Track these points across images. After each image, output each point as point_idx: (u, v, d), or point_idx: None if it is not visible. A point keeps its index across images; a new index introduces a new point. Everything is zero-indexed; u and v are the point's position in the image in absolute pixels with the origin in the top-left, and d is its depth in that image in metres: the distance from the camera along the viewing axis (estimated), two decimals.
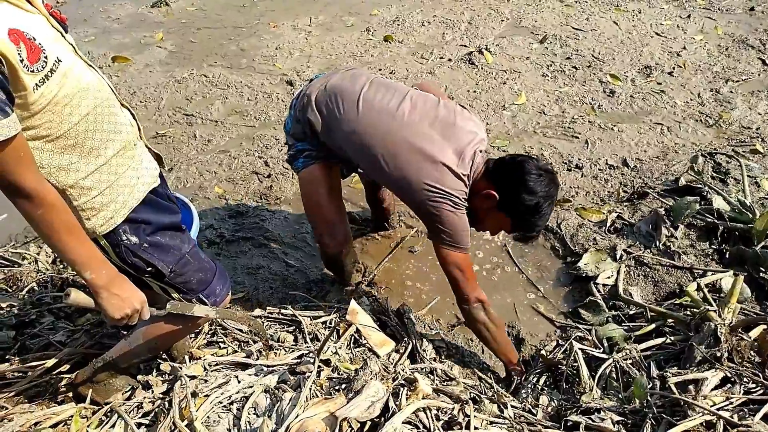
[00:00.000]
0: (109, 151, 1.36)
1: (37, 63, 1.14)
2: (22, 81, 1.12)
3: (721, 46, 4.49)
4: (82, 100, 1.26)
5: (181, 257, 1.55)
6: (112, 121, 1.36)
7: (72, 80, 1.23)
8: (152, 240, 1.48)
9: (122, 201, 1.41)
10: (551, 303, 2.53)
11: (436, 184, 1.89)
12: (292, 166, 2.24)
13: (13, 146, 1.12)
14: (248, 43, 4.73)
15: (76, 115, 1.26)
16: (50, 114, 1.21)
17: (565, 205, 3.03)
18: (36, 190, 1.17)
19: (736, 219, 2.66)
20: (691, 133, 3.56)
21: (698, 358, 1.94)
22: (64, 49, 1.24)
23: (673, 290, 2.47)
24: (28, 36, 1.13)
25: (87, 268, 1.28)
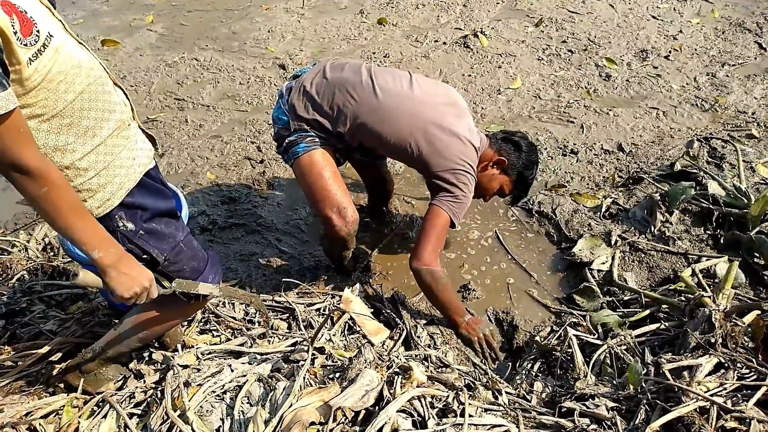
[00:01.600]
0: (105, 131, 1.34)
1: (30, 36, 1.12)
2: (16, 54, 1.10)
3: (717, 29, 4.46)
4: (76, 78, 1.24)
5: (176, 245, 1.53)
6: (107, 100, 1.34)
7: (64, 56, 1.20)
8: (148, 227, 1.47)
9: (119, 182, 1.39)
10: (545, 289, 2.52)
11: (465, 158, 2.15)
12: (288, 154, 2.22)
13: (12, 121, 1.10)
14: (240, 25, 4.66)
15: (71, 93, 1.24)
16: (45, 91, 1.19)
17: (560, 190, 3.02)
18: (38, 168, 1.15)
19: (731, 204, 2.65)
20: (686, 118, 3.55)
21: (692, 344, 1.94)
22: (55, 26, 1.21)
23: (667, 276, 2.46)
24: (20, 9, 1.11)
25: (94, 247, 1.26)
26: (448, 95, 2.27)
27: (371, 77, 2.15)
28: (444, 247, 2.69)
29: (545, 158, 3.25)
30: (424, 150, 2.13)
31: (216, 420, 1.46)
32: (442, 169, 2.14)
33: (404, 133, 2.12)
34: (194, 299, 1.64)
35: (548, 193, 2.99)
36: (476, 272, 2.60)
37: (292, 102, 2.17)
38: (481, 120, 3.53)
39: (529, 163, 2.33)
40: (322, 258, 2.63)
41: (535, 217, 2.88)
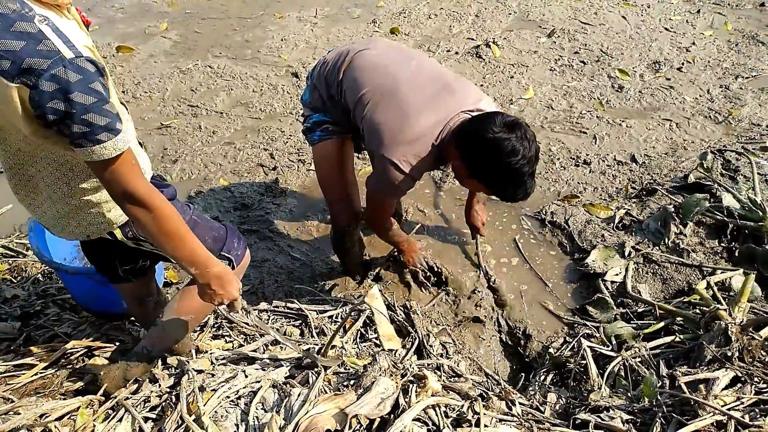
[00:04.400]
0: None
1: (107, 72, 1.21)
2: (108, 84, 1.18)
3: (730, 41, 4.45)
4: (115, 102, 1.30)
5: (189, 219, 1.59)
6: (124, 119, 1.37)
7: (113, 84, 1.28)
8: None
9: None
10: (559, 300, 2.51)
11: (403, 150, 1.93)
12: (308, 137, 2.32)
13: (126, 157, 1.19)
14: (253, 34, 4.69)
15: None
16: None
17: (573, 201, 3.01)
18: (148, 195, 1.23)
19: (746, 217, 2.63)
20: (700, 130, 3.53)
21: (708, 357, 1.92)
22: (88, 52, 1.26)
23: (681, 288, 2.45)
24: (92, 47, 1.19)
25: (191, 265, 1.38)
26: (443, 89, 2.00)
27: (375, 46, 2.14)
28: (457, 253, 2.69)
29: (558, 168, 3.24)
30: (368, 119, 1.98)
31: (231, 425, 1.45)
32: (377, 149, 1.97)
33: (366, 92, 2.00)
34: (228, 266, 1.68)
35: (561, 204, 2.98)
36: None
37: (312, 82, 2.25)
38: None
39: (505, 175, 1.82)
40: (335, 265, 2.64)
41: (548, 227, 2.87)
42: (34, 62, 1.04)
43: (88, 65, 1.09)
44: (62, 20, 1.13)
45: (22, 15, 1.05)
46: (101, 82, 1.11)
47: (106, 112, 1.12)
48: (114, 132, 1.13)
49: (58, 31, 1.08)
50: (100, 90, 1.10)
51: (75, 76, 1.06)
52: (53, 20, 1.09)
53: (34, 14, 1.07)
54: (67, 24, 1.14)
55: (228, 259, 1.70)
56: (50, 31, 1.06)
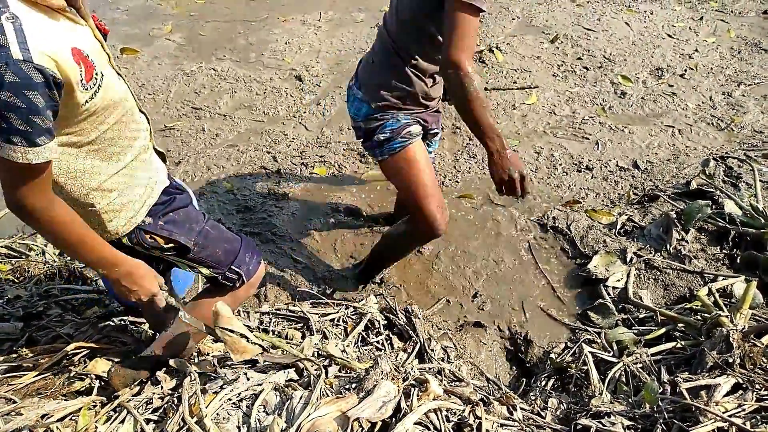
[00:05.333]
0: (128, 157, 1.41)
1: (91, 80, 1.20)
2: (76, 98, 1.17)
3: (733, 49, 4.46)
4: (114, 111, 1.31)
5: (201, 229, 1.59)
6: (133, 128, 1.41)
7: (110, 93, 1.28)
8: (167, 218, 1.53)
9: (141, 201, 1.47)
10: (560, 305, 2.51)
11: None
12: (381, 150, 2.11)
13: (39, 169, 1.16)
14: (257, 37, 4.71)
15: (106, 124, 1.31)
16: (85, 123, 1.26)
17: (575, 206, 3.01)
18: (49, 212, 1.22)
19: (748, 224, 2.63)
20: (702, 136, 3.54)
21: (710, 363, 1.92)
22: (104, 61, 1.29)
23: (683, 294, 2.45)
24: (85, 53, 1.18)
25: (98, 267, 1.38)
26: None
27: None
28: (459, 257, 2.70)
29: (560, 174, 3.25)
30: None
31: (233, 428, 1.46)
32: None
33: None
34: (238, 281, 1.71)
35: (563, 209, 2.99)
36: (490, 285, 2.60)
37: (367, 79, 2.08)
38: None
39: None
40: (336, 268, 2.64)
41: (550, 232, 2.88)
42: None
43: (34, 73, 1.06)
44: (44, 22, 1.12)
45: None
46: (42, 93, 1.08)
47: (30, 121, 1.08)
48: (30, 142, 1.10)
49: (21, 31, 1.06)
50: (33, 100, 1.07)
51: (12, 77, 1.04)
52: (25, 20, 1.07)
53: (4, 11, 1.06)
54: (47, 26, 1.12)
55: (237, 274, 1.69)
56: (11, 30, 1.05)
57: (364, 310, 2.24)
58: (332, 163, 3.35)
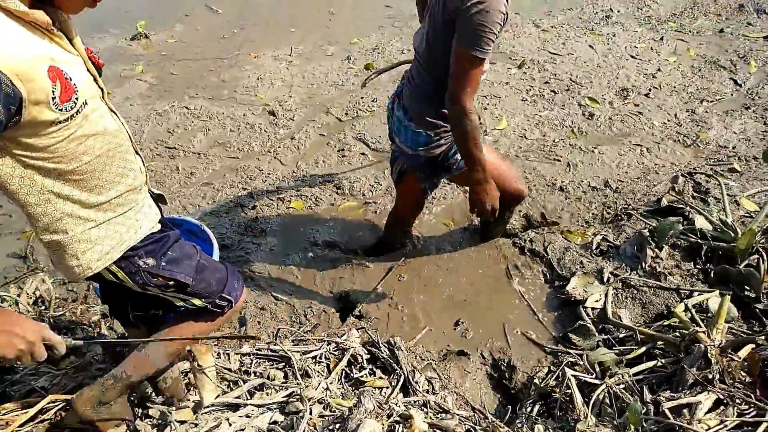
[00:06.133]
0: (112, 192, 1.39)
1: (67, 103, 1.17)
2: (43, 115, 1.14)
3: (694, 67, 4.60)
4: (96, 143, 1.29)
5: (197, 263, 1.59)
6: (122, 166, 1.39)
7: (91, 123, 1.26)
8: (167, 257, 1.53)
9: (119, 239, 1.43)
10: (541, 328, 2.53)
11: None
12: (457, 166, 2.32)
13: None
14: (229, 74, 4.73)
15: (88, 155, 1.28)
16: (63, 150, 1.23)
17: (552, 228, 3.05)
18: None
19: (718, 238, 2.69)
20: (670, 154, 3.63)
21: (690, 380, 1.94)
22: (93, 93, 1.28)
23: (661, 311, 2.48)
24: (66, 75, 1.16)
25: None
26: None
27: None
28: (439, 284, 2.70)
29: (534, 196, 3.29)
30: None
31: None
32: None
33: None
34: (227, 308, 1.72)
35: (540, 231, 3.02)
36: (472, 311, 2.60)
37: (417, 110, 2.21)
38: None
39: None
40: (317, 303, 2.63)
41: (527, 255, 2.90)
42: None
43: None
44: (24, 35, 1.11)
45: None
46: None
47: None
48: None
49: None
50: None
51: None
52: (2, 28, 1.07)
53: None
54: (26, 39, 1.10)
55: (228, 301, 1.71)
56: None
57: (347, 345, 2.23)
58: (308, 196, 3.36)
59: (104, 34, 5.43)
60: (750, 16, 5.32)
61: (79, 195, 1.32)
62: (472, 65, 1.93)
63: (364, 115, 4.10)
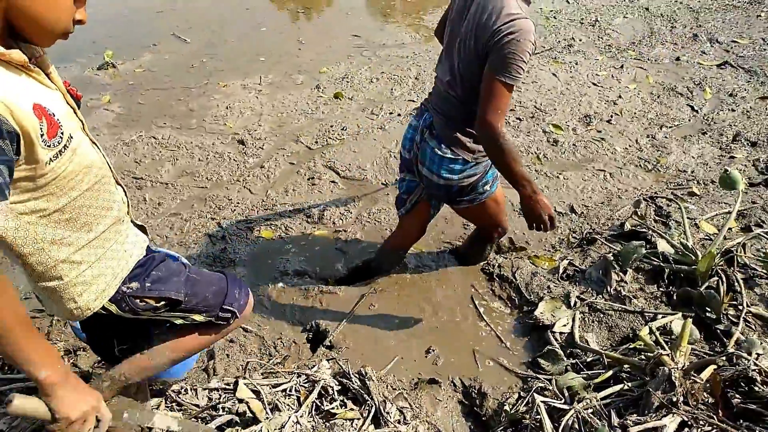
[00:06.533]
0: (101, 227, 1.38)
1: (54, 138, 1.16)
2: (37, 155, 1.13)
3: (653, 93, 4.76)
4: (85, 177, 1.28)
5: (186, 278, 1.57)
6: (107, 198, 1.38)
7: (80, 157, 1.25)
8: (152, 277, 1.51)
9: (112, 273, 1.43)
10: (511, 354, 2.55)
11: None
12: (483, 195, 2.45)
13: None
14: (198, 103, 4.73)
15: (76, 191, 1.27)
16: (54, 187, 1.22)
17: (520, 253, 3.10)
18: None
19: (680, 261, 2.77)
20: (632, 178, 3.73)
21: (655, 403, 1.98)
22: (75, 126, 1.27)
23: (627, 334, 2.52)
24: (49, 111, 1.16)
25: (41, 367, 1.16)
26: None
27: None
28: (410, 312, 2.71)
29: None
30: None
31: None
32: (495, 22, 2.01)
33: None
34: (232, 318, 1.71)
35: (508, 257, 3.06)
36: (444, 337, 2.61)
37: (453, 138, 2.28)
38: None
39: None
40: (287, 335, 2.61)
41: (496, 281, 2.94)
42: None
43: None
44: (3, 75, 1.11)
45: None
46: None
47: None
48: None
49: None
50: None
51: None
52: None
53: None
54: (6, 79, 1.10)
55: (231, 312, 1.70)
56: None
57: (317, 377, 2.21)
58: (278, 225, 3.35)
59: (71, 64, 5.40)
60: (704, 45, 5.55)
61: (71, 236, 1.31)
62: (503, 92, 2.01)
63: (334, 143, 4.12)
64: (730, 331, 2.39)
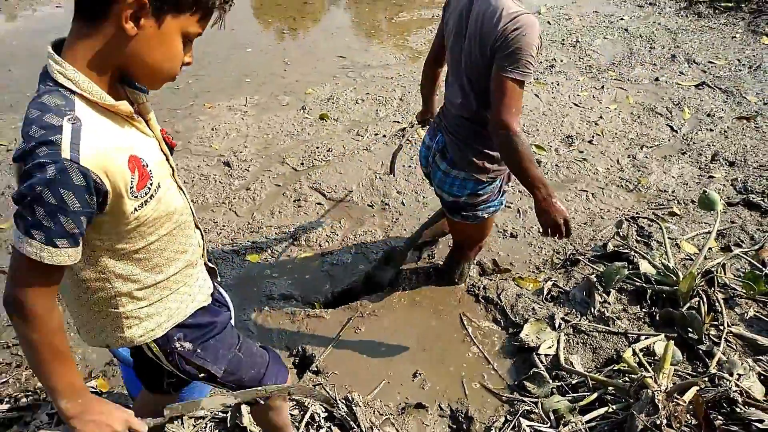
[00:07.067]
0: (171, 269, 1.36)
1: (143, 189, 1.17)
2: (123, 206, 1.15)
3: (633, 114, 4.86)
4: (165, 223, 1.28)
5: (233, 356, 1.55)
6: (183, 242, 1.38)
7: (164, 205, 1.25)
8: (205, 344, 1.49)
9: (168, 315, 1.41)
10: (497, 377, 2.56)
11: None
12: (489, 212, 2.54)
13: (49, 271, 1.11)
14: (183, 125, 4.73)
15: (155, 236, 1.28)
16: (133, 233, 1.23)
17: (504, 275, 3.12)
18: (42, 318, 1.13)
19: (662, 282, 2.81)
20: (614, 199, 3.79)
21: (640, 426, 2.00)
22: (165, 173, 1.28)
23: (611, 356, 2.55)
24: (143, 162, 1.17)
25: (64, 397, 1.20)
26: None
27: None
28: (396, 335, 2.72)
29: (487, 242, 3.37)
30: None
31: None
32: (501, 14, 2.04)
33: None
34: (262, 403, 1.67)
35: (493, 278, 3.09)
36: (429, 361, 2.62)
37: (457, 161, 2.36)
38: (423, 207, 3.65)
39: None
40: None
41: (481, 303, 2.96)
42: (37, 147, 1.03)
43: (75, 174, 1.03)
44: (107, 127, 1.12)
45: (58, 109, 1.06)
46: (78, 196, 1.05)
47: (56, 219, 1.05)
48: (49, 241, 1.06)
49: (78, 133, 1.05)
50: (66, 199, 1.04)
51: (52, 172, 1.02)
52: (86, 123, 1.07)
53: (68, 112, 1.06)
54: (109, 132, 1.11)
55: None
56: (68, 130, 1.04)
57: (305, 403, 2.21)
58: (264, 248, 3.35)
59: None
60: (682, 66, 5.67)
61: (139, 275, 1.30)
62: (515, 88, 2.00)
63: (320, 164, 4.15)
64: (712, 352, 2.43)
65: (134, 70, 1.18)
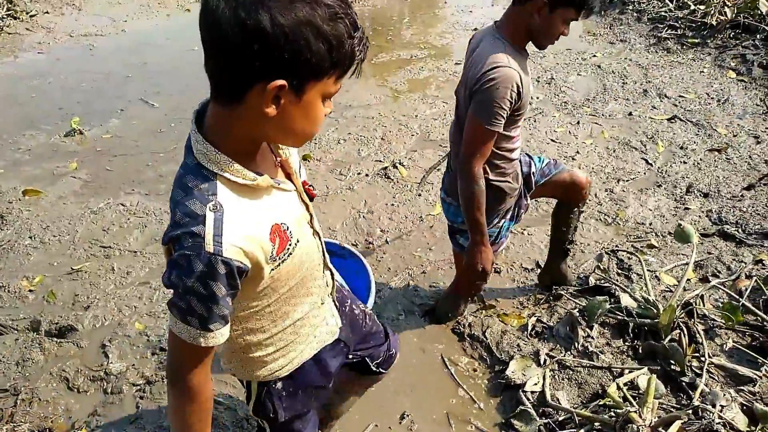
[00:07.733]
0: (297, 314, 1.39)
1: (282, 253, 1.19)
2: (261, 272, 1.17)
3: (609, 148, 4.98)
4: (297, 273, 1.29)
5: (302, 414, 1.55)
6: (309, 286, 1.39)
7: (298, 258, 1.26)
8: (294, 392, 1.50)
9: (291, 357, 1.44)
10: (484, 415, 2.56)
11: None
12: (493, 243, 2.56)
13: (205, 351, 1.17)
14: (167, 168, 4.75)
15: (286, 287, 1.29)
16: (266, 289, 1.25)
17: (489, 311, 3.15)
18: (199, 389, 1.20)
19: (643, 315, 2.85)
20: (593, 233, 3.86)
21: None
22: (304, 222, 1.29)
23: (596, 391, 2.57)
24: (284, 227, 1.18)
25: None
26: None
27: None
28: None
29: None
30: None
31: None
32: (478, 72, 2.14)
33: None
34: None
35: (477, 315, 3.11)
36: (417, 402, 2.62)
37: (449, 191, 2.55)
38: (407, 245, 3.69)
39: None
40: None
41: (467, 340, 2.97)
42: (182, 237, 1.06)
43: (220, 265, 1.06)
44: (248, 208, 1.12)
45: (201, 194, 1.08)
46: (224, 284, 1.08)
47: (209, 309, 1.10)
48: (204, 327, 1.12)
49: (221, 222, 1.06)
50: (215, 290, 1.08)
51: (200, 267, 1.05)
52: (228, 210, 1.08)
53: (211, 199, 1.08)
54: (250, 214, 1.12)
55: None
56: (211, 220, 1.06)
57: None
58: None
59: (37, 131, 5.38)
60: (654, 100, 5.85)
61: (268, 326, 1.34)
62: (482, 136, 2.15)
63: None
64: (694, 383, 2.46)
65: (278, 140, 1.21)
